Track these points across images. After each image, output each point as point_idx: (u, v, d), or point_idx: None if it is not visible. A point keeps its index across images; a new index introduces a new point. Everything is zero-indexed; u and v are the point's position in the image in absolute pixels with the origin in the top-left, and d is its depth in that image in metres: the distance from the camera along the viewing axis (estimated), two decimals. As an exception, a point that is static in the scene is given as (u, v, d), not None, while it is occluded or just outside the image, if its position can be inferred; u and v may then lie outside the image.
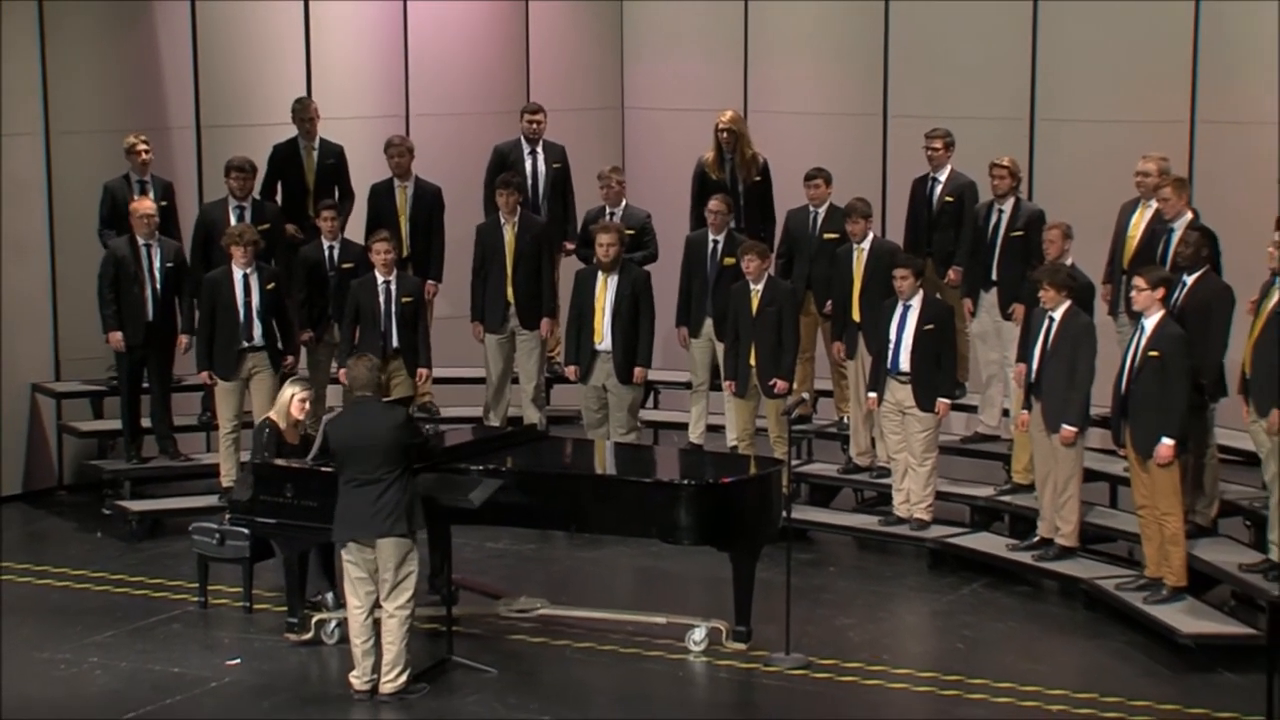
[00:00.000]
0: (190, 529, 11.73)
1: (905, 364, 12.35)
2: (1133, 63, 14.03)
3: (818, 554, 12.73)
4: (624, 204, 14.03)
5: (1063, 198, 13.55)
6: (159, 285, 13.34)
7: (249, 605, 11.53)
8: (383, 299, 13.13)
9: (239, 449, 12.87)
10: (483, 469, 10.80)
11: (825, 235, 13.46)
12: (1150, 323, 10.96)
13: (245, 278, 12.88)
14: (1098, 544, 12.11)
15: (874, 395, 12.56)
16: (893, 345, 12.37)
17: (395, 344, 13.18)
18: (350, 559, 10.18)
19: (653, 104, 16.22)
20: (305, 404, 11.41)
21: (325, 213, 13.53)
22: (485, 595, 11.55)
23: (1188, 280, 11.29)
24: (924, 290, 12.42)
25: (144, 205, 13.33)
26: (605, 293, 13.12)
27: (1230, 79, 13.66)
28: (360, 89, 15.44)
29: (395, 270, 13.22)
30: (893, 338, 12.37)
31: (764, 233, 13.87)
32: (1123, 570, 11.67)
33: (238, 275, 12.87)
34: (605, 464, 11.89)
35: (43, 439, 14.25)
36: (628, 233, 13.55)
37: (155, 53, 14.61)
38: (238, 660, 10.80)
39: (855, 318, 13.03)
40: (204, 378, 13.14)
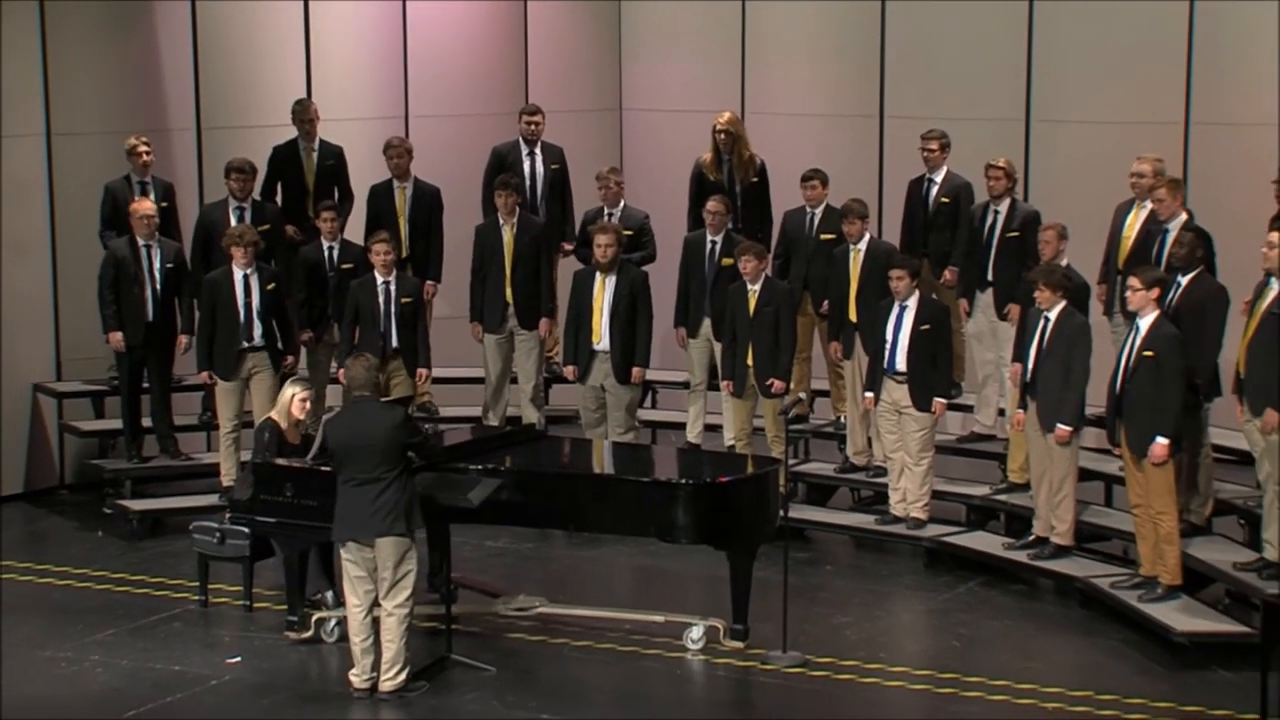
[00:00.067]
0: (191, 528, 11.75)
1: (901, 364, 12.37)
2: (1128, 64, 14.04)
3: (815, 553, 12.76)
4: (622, 205, 14.05)
5: (1058, 198, 13.56)
6: (159, 286, 13.36)
7: (249, 604, 11.55)
8: (382, 299, 13.16)
9: (239, 449, 12.90)
10: (482, 468, 10.82)
11: (822, 236, 13.47)
12: (1145, 323, 10.99)
13: (245, 278, 12.91)
14: (1093, 543, 12.13)
15: (871, 395, 12.58)
16: (889, 345, 12.40)
17: (395, 344, 13.20)
18: (349, 558, 10.20)
19: (651, 105, 16.24)
20: (306, 404, 11.43)
21: (325, 214, 13.56)
22: (484, 594, 11.56)
23: (1182, 281, 11.30)
24: (920, 291, 12.44)
25: (144, 206, 13.36)
26: (603, 293, 13.14)
27: (1224, 81, 13.68)
28: (360, 91, 15.47)
29: (395, 271, 13.25)
30: (889, 338, 12.40)
31: (761, 233, 13.89)
32: (1118, 569, 11.69)
33: (238, 276, 12.91)
34: (603, 463, 11.91)
35: (44, 438, 14.28)
36: (626, 233, 13.56)
37: (156, 54, 14.64)
38: (238, 659, 10.82)
39: (852, 318, 13.04)
40: (204, 378, 13.17)
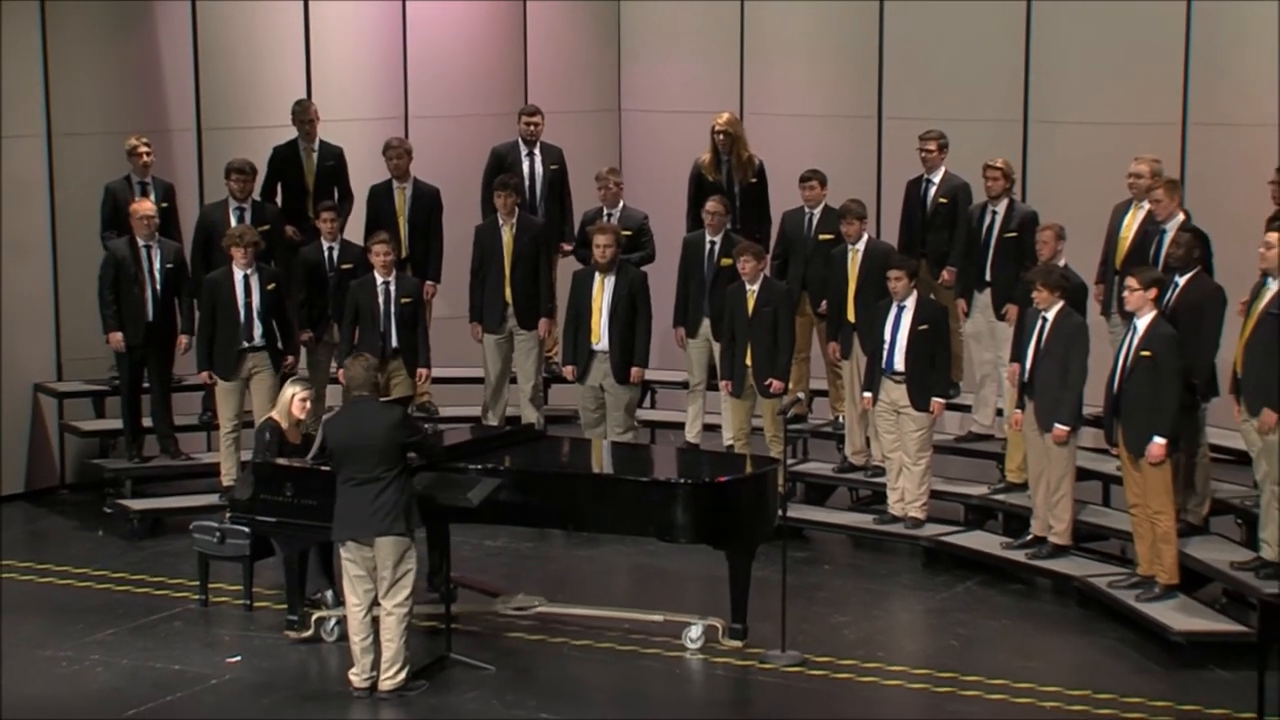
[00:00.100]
0: (191, 527, 11.76)
1: (900, 364, 12.39)
2: (1125, 65, 14.05)
3: (813, 552, 12.78)
4: (621, 205, 14.07)
5: (1056, 199, 13.57)
6: (159, 286, 13.38)
7: (249, 603, 11.56)
8: (382, 300, 13.18)
9: (239, 448, 12.92)
10: (481, 468, 10.83)
11: (820, 236, 13.49)
12: (1142, 323, 11.01)
13: (245, 278, 12.93)
14: (1090, 542, 12.14)
15: (869, 395, 12.60)
16: (887, 345, 12.42)
17: (394, 344, 13.22)
18: (349, 557, 10.21)
19: (650, 106, 16.25)
20: (306, 403, 11.44)
21: (325, 214, 13.57)
22: (483, 593, 11.57)
23: (1180, 281, 11.31)
24: (918, 291, 12.46)
25: (144, 206, 13.37)
26: (602, 293, 13.16)
27: (1221, 81, 13.69)
28: (359, 91, 15.48)
29: (394, 271, 13.27)
30: (887, 338, 12.41)
31: (760, 234, 13.90)
32: (1115, 568, 11.70)
33: (238, 276, 12.93)
34: (602, 463, 11.91)
35: (44, 438, 14.30)
36: (625, 234, 13.58)
37: (156, 54, 14.65)
38: (238, 658, 10.83)
39: (850, 318, 13.06)
40: (204, 378, 13.20)
